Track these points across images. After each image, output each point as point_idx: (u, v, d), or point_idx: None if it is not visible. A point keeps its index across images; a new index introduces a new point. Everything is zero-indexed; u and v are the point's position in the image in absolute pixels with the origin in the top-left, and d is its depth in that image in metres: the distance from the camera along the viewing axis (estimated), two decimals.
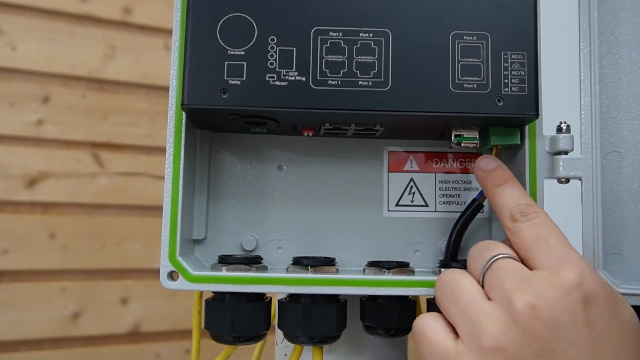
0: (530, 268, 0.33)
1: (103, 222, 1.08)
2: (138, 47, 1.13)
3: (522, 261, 0.34)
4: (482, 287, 0.34)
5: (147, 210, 1.11)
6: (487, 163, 0.39)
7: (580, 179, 0.39)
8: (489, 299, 0.33)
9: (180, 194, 0.39)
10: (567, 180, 0.39)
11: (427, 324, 0.35)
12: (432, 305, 0.42)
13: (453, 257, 0.42)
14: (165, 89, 1.14)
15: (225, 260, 0.40)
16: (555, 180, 0.40)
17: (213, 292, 0.41)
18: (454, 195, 0.44)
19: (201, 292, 0.49)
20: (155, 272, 1.09)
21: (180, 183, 0.39)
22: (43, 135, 1.05)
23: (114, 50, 1.11)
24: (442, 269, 0.41)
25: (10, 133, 1.03)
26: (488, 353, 0.31)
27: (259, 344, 0.56)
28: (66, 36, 1.08)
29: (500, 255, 0.34)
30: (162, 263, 0.39)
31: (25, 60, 1.05)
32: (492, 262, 0.34)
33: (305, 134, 0.42)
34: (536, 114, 0.37)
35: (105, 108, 1.10)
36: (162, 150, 1.12)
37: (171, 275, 0.39)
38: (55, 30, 1.07)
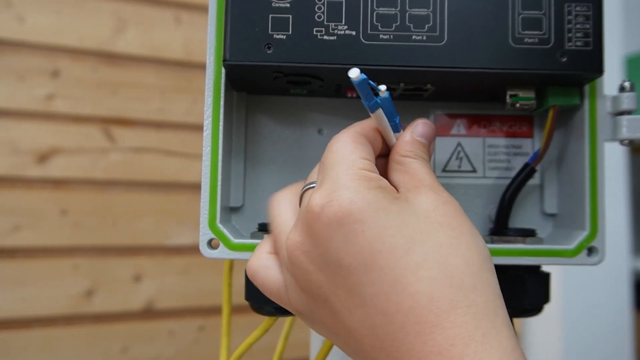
0: None
1: (114, 199, 1.06)
2: (147, 20, 1.10)
3: None
4: None
5: (159, 186, 1.09)
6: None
7: None
8: None
9: (220, 157, 0.37)
10: (631, 142, 0.37)
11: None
12: None
13: (504, 225, 0.40)
14: (176, 63, 1.12)
15: (266, 229, 0.38)
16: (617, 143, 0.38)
17: None
18: (503, 161, 0.42)
19: (231, 265, 0.47)
20: (168, 249, 1.09)
21: (220, 145, 0.37)
22: (53, 110, 1.03)
23: (124, 23, 1.08)
24: (494, 237, 0.39)
25: (20, 108, 1.01)
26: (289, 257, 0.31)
27: (288, 320, 0.55)
28: (75, 9, 1.05)
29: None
30: (202, 230, 0.36)
31: (34, 33, 1.03)
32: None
33: (349, 95, 0.39)
34: (600, 71, 0.35)
35: (115, 82, 1.07)
36: (173, 125, 1.11)
37: (210, 244, 0.37)
38: (63, 3, 1.04)
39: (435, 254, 0.28)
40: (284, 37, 0.34)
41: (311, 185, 0.33)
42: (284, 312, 0.38)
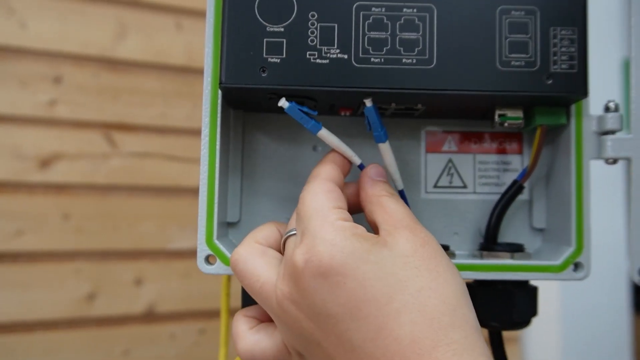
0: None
1: (116, 204, 1.07)
2: (149, 26, 1.11)
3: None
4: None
5: (161, 191, 1.10)
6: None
7: (629, 160, 0.38)
8: None
9: (216, 175, 0.38)
10: (615, 161, 0.38)
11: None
12: (472, 290, 0.42)
13: (493, 240, 0.41)
14: (177, 68, 1.13)
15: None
16: (602, 162, 0.39)
17: None
18: (493, 177, 0.43)
19: (229, 276, 0.48)
20: (169, 253, 1.10)
21: (217, 164, 0.38)
22: (55, 115, 1.04)
23: (125, 29, 1.09)
24: (484, 252, 0.40)
25: (22, 114, 1.02)
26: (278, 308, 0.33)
27: None
28: (76, 15, 1.06)
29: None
30: (199, 247, 0.38)
31: (36, 40, 1.03)
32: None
33: (342, 114, 0.40)
34: (585, 93, 0.36)
35: (117, 88, 1.08)
36: (174, 130, 1.12)
37: (208, 260, 0.38)
38: (65, 9, 1.05)
39: (414, 300, 0.30)
40: (278, 60, 0.35)
41: (292, 233, 0.35)
42: None
